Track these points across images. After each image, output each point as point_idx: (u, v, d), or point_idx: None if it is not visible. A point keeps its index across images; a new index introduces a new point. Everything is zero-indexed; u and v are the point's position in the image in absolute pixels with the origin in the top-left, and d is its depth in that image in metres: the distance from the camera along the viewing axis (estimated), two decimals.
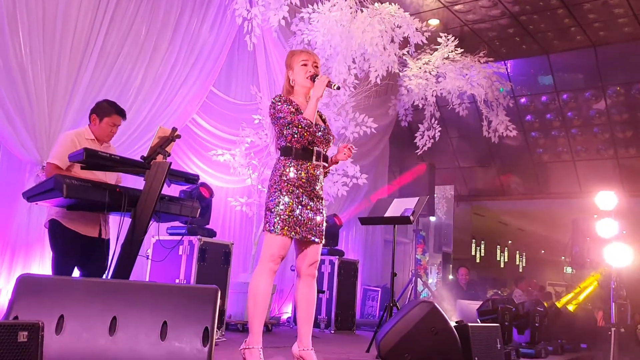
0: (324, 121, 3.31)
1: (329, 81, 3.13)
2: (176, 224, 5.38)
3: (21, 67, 4.71)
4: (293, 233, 2.98)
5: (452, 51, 7.87)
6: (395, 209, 4.63)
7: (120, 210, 3.50)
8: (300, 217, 3.01)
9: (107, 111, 4.02)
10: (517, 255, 17.57)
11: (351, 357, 4.06)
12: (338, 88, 3.22)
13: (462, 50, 8.02)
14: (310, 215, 3.06)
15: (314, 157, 3.11)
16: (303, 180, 3.05)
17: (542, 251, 16.28)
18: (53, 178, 3.32)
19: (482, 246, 15.29)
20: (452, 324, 3.81)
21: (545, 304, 5.33)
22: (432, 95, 8.07)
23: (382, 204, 4.82)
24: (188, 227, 5.27)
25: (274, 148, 3.26)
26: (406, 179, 9.05)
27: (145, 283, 2.23)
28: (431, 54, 8.07)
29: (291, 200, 3.00)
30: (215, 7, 6.43)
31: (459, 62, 7.93)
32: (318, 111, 3.24)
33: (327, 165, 3.25)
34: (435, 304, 3.53)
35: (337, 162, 3.42)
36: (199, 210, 4.07)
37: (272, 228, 2.97)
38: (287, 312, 7.46)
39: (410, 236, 9.72)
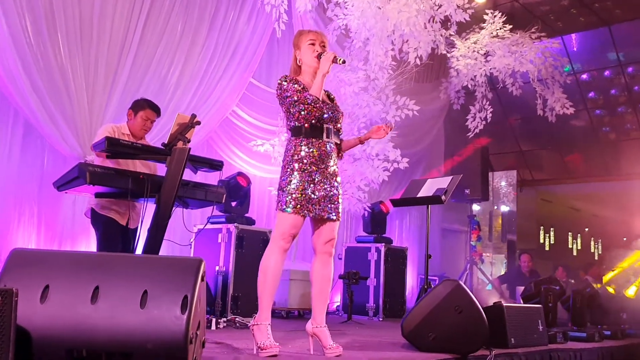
0: (332, 100, 3.27)
1: (335, 57, 3.08)
2: (216, 213, 5.50)
3: (60, 66, 4.94)
4: (305, 211, 2.96)
5: (500, 28, 7.57)
6: (428, 189, 4.51)
7: (144, 196, 3.61)
8: (313, 195, 2.98)
9: (142, 106, 4.23)
10: (592, 243, 16.71)
11: (383, 340, 3.99)
12: (344, 62, 3.16)
13: (511, 26, 7.70)
14: (323, 192, 3.03)
15: (324, 134, 3.09)
16: (315, 158, 3.01)
17: (624, 238, 15.40)
18: (77, 166, 3.46)
19: (552, 233, 14.63)
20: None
21: (597, 286, 5.03)
22: (481, 75, 7.78)
23: (416, 185, 4.71)
24: (227, 216, 5.36)
25: (285, 130, 3.24)
26: (457, 162, 8.79)
27: (129, 255, 2.27)
28: (479, 33, 7.80)
29: (303, 179, 2.97)
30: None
31: (508, 39, 7.61)
32: (326, 90, 3.22)
33: (339, 142, 3.21)
34: (460, 282, 3.40)
35: (365, 141, 3.39)
36: (224, 195, 4.13)
37: (284, 207, 2.95)
38: (336, 302, 7.43)
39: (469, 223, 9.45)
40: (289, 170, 3.00)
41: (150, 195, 3.67)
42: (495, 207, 12.52)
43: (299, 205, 2.94)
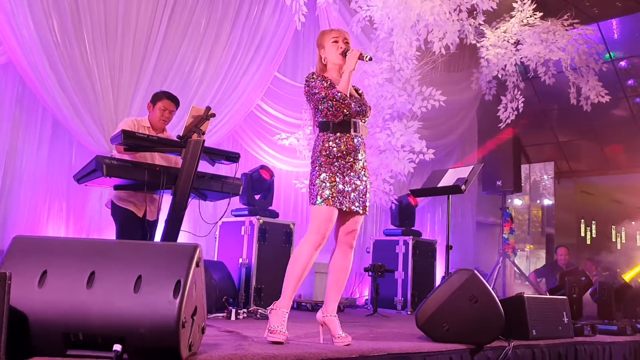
0: (360, 94, 3.28)
1: (361, 53, 3.10)
2: (240, 206, 5.55)
3: (86, 64, 5.06)
4: (337, 204, 2.97)
5: (530, 16, 7.37)
6: (449, 179, 4.43)
7: (160, 188, 3.67)
8: (343, 189, 2.99)
9: (159, 97, 4.32)
10: (638, 237, 16.14)
11: (403, 332, 3.94)
12: (370, 59, 3.17)
13: (542, 14, 7.49)
14: (353, 186, 3.04)
15: (352, 129, 3.10)
16: (343, 152, 3.03)
17: None
18: (94, 159, 3.54)
19: (593, 227, 14.19)
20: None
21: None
22: (511, 64, 7.60)
23: (437, 175, 4.63)
24: (250, 209, 5.40)
25: (313, 126, 3.25)
26: (488, 153, 8.60)
27: (126, 242, 2.31)
28: (509, 22, 7.62)
29: (332, 174, 2.98)
30: None
31: (539, 27, 7.41)
32: (353, 85, 3.23)
33: (367, 136, 3.22)
34: (475, 271, 3.33)
35: None
36: (241, 187, 4.16)
37: (316, 200, 2.95)
38: (365, 295, 7.40)
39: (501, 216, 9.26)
40: (318, 164, 3.01)
41: (166, 187, 3.73)
42: (534, 200, 12.24)
43: (330, 198, 2.94)
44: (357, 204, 3.05)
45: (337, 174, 3.00)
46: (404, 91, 6.35)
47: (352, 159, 3.05)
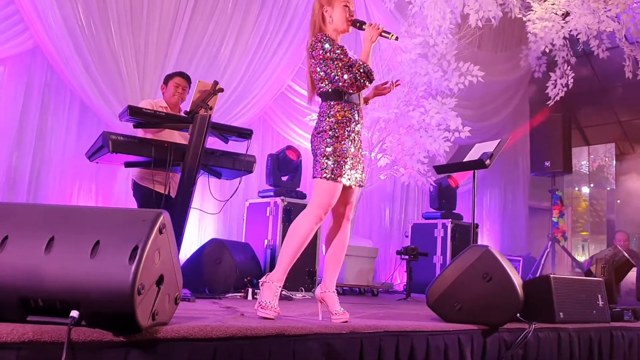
0: None
1: (384, 29, 2.92)
2: (267, 187, 5.48)
3: (112, 48, 5.13)
4: (346, 180, 2.83)
5: None
6: (475, 153, 4.18)
7: (168, 165, 3.64)
8: (350, 162, 2.86)
9: (170, 75, 4.37)
10: None
11: (421, 312, 3.76)
12: (397, 38, 2.99)
13: None
14: (356, 159, 2.91)
15: (361, 101, 2.97)
16: (352, 124, 2.87)
17: None
18: (101, 135, 3.54)
19: None
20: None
21: None
22: (559, 37, 7.15)
23: (464, 150, 4.38)
24: (275, 189, 5.32)
25: (315, 92, 3.04)
26: (536, 133, 8.17)
27: (89, 208, 2.25)
28: None
29: (341, 147, 2.83)
30: None
31: None
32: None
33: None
34: (489, 247, 3.10)
35: (369, 101, 3.25)
36: (254, 164, 4.07)
37: (323, 174, 2.80)
38: (404, 281, 7.19)
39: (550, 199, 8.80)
40: (327, 136, 2.83)
41: (175, 163, 3.69)
42: (592, 185, 11.61)
43: (338, 173, 2.80)
44: (360, 178, 2.93)
45: (345, 147, 2.84)
46: (439, 67, 6.07)
47: (358, 131, 2.92)
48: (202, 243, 5.09)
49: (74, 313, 1.91)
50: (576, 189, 11.78)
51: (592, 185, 11.70)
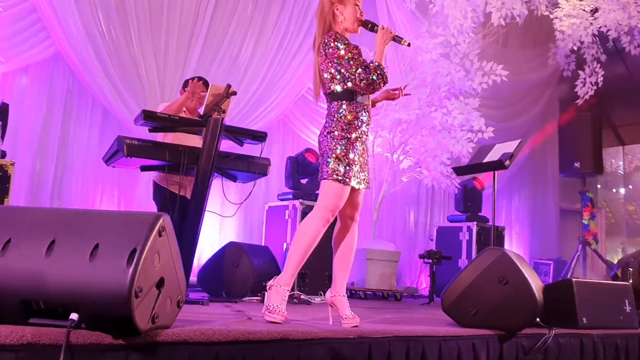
0: None
1: (396, 35, 2.89)
2: (286, 190, 5.47)
3: (131, 53, 5.18)
4: (356, 183, 2.80)
5: None
6: (495, 154, 4.08)
7: (182, 168, 3.65)
8: (359, 164, 2.82)
9: (189, 80, 4.34)
10: None
11: (440, 317, 3.67)
12: (409, 45, 2.96)
13: None
14: (364, 160, 2.87)
15: (369, 102, 2.93)
16: (362, 125, 2.84)
17: None
18: (116, 139, 3.57)
19: None
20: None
21: None
22: (588, 34, 6.96)
23: (484, 151, 4.29)
24: (294, 192, 5.30)
25: (318, 91, 3.01)
26: (566, 133, 7.96)
27: (90, 211, 2.25)
28: None
29: (352, 148, 2.80)
30: None
31: None
32: None
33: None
34: (505, 250, 3.01)
35: (377, 104, 3.21)
36: (269, 167, 4.06)
37: (332, 176, 2.75)
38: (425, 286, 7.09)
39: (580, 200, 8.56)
40: (338, 137, 2.78)
41: (189, 167, 3.70)
42: (630, 186, 11.27)
43: (347, 175, 2.76)
44: (366, 179, 2.89)
45: (355, 148, 2.80)
46: (461, 67, 5.97)
47: (366, 133, 2.88)
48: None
49: (74, 316, 1.91)
50: (613, 190, 11.46)
51: (630, 186, 11.37)
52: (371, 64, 2.78)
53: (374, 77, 2.76)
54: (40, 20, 4.82)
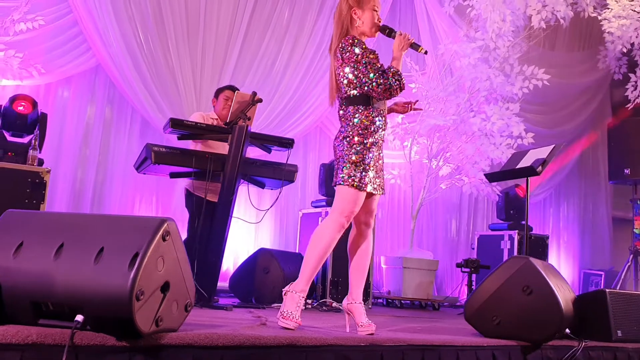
0: None
1: (414, 41, 2.86)
2: (320, 197, 5.46)
3: (169, 63, 5.31)
4: (371, 188, 2.78)
5: None
6: (528, 160, 3.95)
7: (207, 175, 3.71)
8: (374, 170, 2.80)
9: (221, 89, 4.47)
10: None
11: (465, 327, 3.57)
12: (426, 52, 2.93)
13: None
14: (379, 166, 2.85)
15: (386, 108, 2.91)
16: (378, 131, 2.81)
17: None
18: (145, 147, 3.66)
19: None
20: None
21: None
22: (638, 36, 6.68)
23: (517, 157, 4.16)
24: (327, 199, 5.28)
25: (338, 95, 2.98)
26: (616, 138, 7.62)
27: (98, 215, 2.30)
28: None
29: (367, 153, 2.78)
30: None
31: None
32: None
33: None
34: (530, 259, 2.90)
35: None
36: (296, 173, 4.06)
37: (347, 182, 2.74)
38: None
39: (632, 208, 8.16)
40: (361, 144, 2.75)
41: (215, 173, 3.75)
42: None
43: (362, 180, 2.74)
44: (383, 187, 2.87)
45: (372, 154, 2.77)
46: (501, 71, 5.82)
47: (382, 138, 2.85)
48: None
49: (79, 317, 1.96)
50: None
51: None
52: (389, 70, 2.75)
53: (392, 82, 2.72)
54: (81, 33, 5.02)
